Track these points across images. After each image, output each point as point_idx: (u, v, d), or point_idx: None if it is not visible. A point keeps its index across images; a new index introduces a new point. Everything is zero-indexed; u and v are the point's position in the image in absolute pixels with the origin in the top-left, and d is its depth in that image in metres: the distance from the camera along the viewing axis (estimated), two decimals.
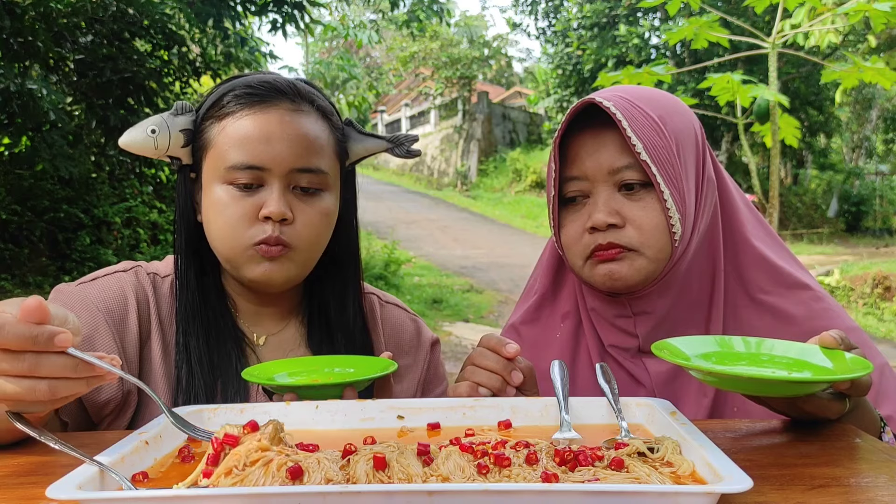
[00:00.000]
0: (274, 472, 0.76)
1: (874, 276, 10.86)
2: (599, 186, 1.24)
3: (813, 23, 5.50)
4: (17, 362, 0.81)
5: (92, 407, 1.19)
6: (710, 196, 1.30)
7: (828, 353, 1.02)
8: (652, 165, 1.19)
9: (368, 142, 1.34)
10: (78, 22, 6.70)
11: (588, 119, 1.24)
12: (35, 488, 0.82)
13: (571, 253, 1.29)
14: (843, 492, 0.79)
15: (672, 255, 1.23)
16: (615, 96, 1.23)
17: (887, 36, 15.49)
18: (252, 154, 1.19)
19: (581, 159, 1.25)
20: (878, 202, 21.24)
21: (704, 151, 1.30)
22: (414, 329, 1.47)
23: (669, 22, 15.58)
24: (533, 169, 23.27)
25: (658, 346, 1.04)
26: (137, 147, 1.24)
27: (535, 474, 0.79)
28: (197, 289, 1.28)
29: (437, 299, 10.21)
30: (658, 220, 1.21)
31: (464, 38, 28.15)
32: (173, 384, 1.24)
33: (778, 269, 1.31)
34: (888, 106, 22.17)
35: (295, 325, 1.37)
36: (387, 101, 33.12)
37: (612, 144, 1.22)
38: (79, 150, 7.28)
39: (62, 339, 0.82)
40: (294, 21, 8.26)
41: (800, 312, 1.28)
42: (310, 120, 1.25)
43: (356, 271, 1.38)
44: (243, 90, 1.24)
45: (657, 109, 1.23)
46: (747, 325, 1.30)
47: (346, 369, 1.19)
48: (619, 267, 1.22)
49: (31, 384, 0.82)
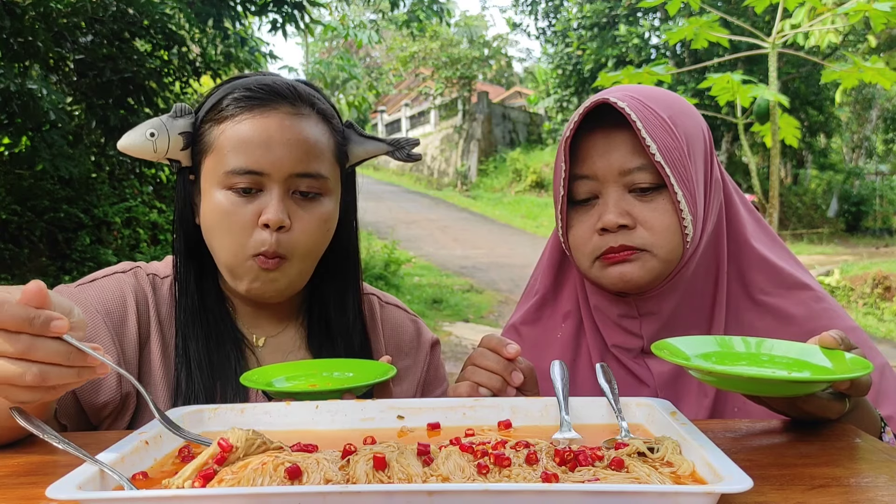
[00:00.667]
0: (271, 473, 0.75)
1: (874, 276, 10.86)
2: (609, 187, 1.23)
3: (813, 23, 5.50)
4: (11, 343, 0.81)
5: (90, 409, 1.19)
6: (717, 197, 1.29)
7: (828, 354, 1.02)
8: (666, 167, 1.18)
9: (369, 144, 1.33)
10: (78, 22, 6.69)
11: (597, 118, 1.23)
12: (35, 488, 0.82)
13: (580, 254, 1.27)
14: (843, 492, 0.79)
15: (682, 257, 1.23)
16: (626, 96, 1.21)
17: (887, 36, 15.50)
18: (251, 159, 1.18)
19: (592, 159, 1.23)
20: (878, 202, 21.24)
21: (712, 152, 1.29)
22: (414, 330, 1.47)
23: (669, 22, 15.59)
24: (533, 169, 23.27)
25: (658, 345, 1.04)
26: (136, 150, 1.23)
27: (535, 474, 0.79)
28: (196, 291, 1.27)
29: (437, 299, 10.21)
30: (670, 221, 1.21)
31: (464, 38, 28.14)
32: (173, 386, 1.23)
33: (778, 269, 1.31)
34: (888, 106, 22.17)
35: (295, 327, 1.37)
36: (387, 101, 33.11)
37: (623, 145, 1.21)
38: (79, 150, 7.28)
39: (58, 325, 0.82)
40: (294, 21, 8.25)
41: (800, 313, 1.28)
42: (310, 124, 1.24)
43: (356, 273, 1.37)
44: (243, 93, 1.23)
45: (667, 110, 1.22)
46: (748, 326, 1.29)
47: (345, 373, 1.18)
48: (632, 268, 1.21)
49: (22, 367, 0.82)
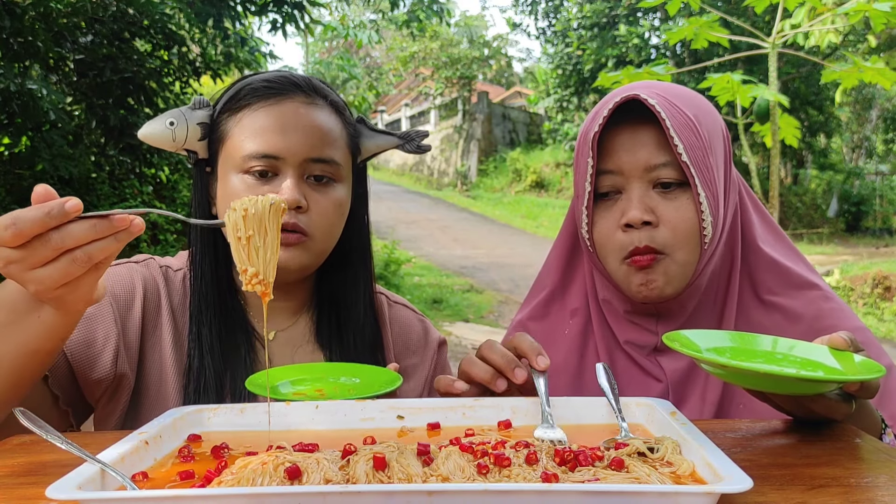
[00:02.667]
0: (271, 473, 0.76)
1: (874, 276, 10.86)
2: (634, 182, 1.22)
3: (813, 23, 5.49)
4: (44, 246, 0.82)
5: (84, 383, 1.20)
6: (734, 198, 1.29)
7: (836, 355, 1.01)
8: (691, 167, 1.18)
9: (380, 138, 1.37)
10: (78, 22, 6.69)
11: (621, 114, 1.22)
12: (35, 488, 0.82)
13: (606, 251, 1.27)
14: (843, 492, 0.79)
15: (700, 259, 1.22)
16: (654, 93, 1.21)
17: (887, 36, 15.49)
18: (267, 143, 1.22)
19: (617, 154, 1.23)
20: (878, 202, 21.23)
21: (730, 152, 1.29)
22: (421, 329, 1.48)
23: (669, 22, 15.58)
24: (533, 169, 23.27)
25: (670, 336, 1.03)
26: (156, 139, 1.27)
27: (535, 474, 0.79)
28: (211, 280, 1.29)
29: (437, 299, 10.22)
30: (692, 221, 1.20)
31: (464, 38, 28.13)
32: (184, 372, 1.25)
33: (786, 270, 1.31)
34: (888, 106, 22.16)
35: (304, 321, 1.38)
36: (387, 101, 33.10)
37: (650, 141, 1.21)
38: (79, 150, 7.27)
39: (72, 204, 0.82)
40: (294, 21, 8.25)
41: (808, 312, 1.28)
42: (324, 113, 1.28)
43: (367, 267, 1.39)
44: (260, 84, 1.27)
45: (692, 108, 1.22)
46: (757, 325, 1.30)
47: (351, 378, 1.19)
48: (655, 277, 1.21)
49: (67, 259, 0.83)
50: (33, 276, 0.85)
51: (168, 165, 9.05)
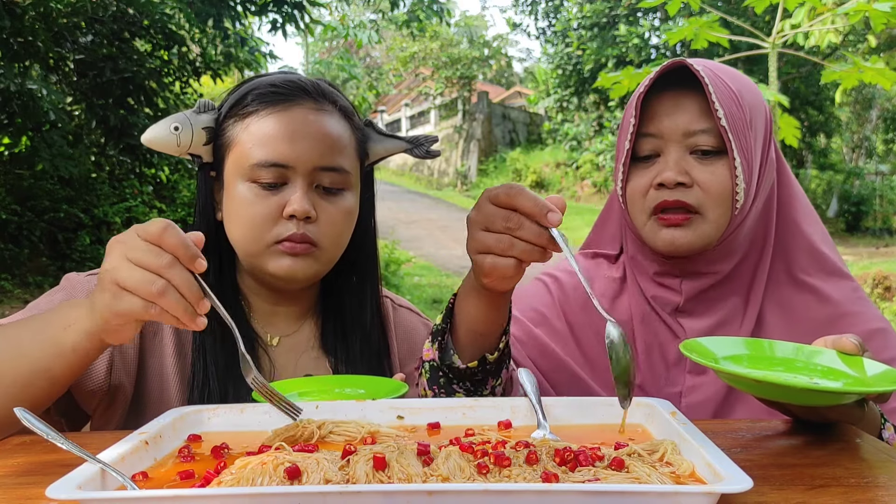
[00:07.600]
0: (271, 473, 0.75)
1: (874, 276, 10.85)
2: (672, 146, 1.27)
3: (813, 23, 5.49)
4: (155, 258, 0.88)
5: (78, 394, 1.19)
6: (769, 177, 1.32)
7: (845, 360, 1.01)
8: (729, 133, 1.22)
9: (388, 142, 1.36)
10: (78, 22, 6.70)
11: (667, 82, 1.28)
12: (35, 488, 0.82)
13: (635, 208, 1.31)
14: (843, 492, 0.79)
15: (730, 224, 1.26)
16: (701, 64, 1.26)
17: (887, 36, 15.49)
18: (276, 152, 1.20)
19: (659, 118, 1.27)
20: (878, 202, 21.21)
21: (771, 133, 1.33)
22: (426, 333, 1.47)
23: (669, 22, 15.57)
24: (533, 169, 23.26)
25: (686, 345, 1.03)
26: (160, 143, 1.26)
27: (535, 474, 0.79)
28: (215, 285, 1.28)
29: (437, 299, 10.21)
30: (725, 186, 1.24)
31: (464, 38, 28.13)
32: (188, 381, 1.23)
33: (823, 255, 1.34)
34: (888, 106, 22.15)
35: (309, 326, 1.37)
36: (387, 101, 33.10)
37: (691, 107, 1.26)
38: (79, 150, 7.28)
39: (202, 262, 0.90)
40: (294, 21, 8.26)
41: (837, 296, 1.31)
42: (332, 119, 1.26)
43: (374, 271, 1.38)
44: (267, 89, 1.25)
45: (736, 83, 1.27)
46: (786, 302, 1.33)
47: (357, 390, 1.18)
48: (683, 234, 1.25)
49: (152, 277, 0.88)
50: (121, 293, 0.90)
51: (168, 165, 9.06)
